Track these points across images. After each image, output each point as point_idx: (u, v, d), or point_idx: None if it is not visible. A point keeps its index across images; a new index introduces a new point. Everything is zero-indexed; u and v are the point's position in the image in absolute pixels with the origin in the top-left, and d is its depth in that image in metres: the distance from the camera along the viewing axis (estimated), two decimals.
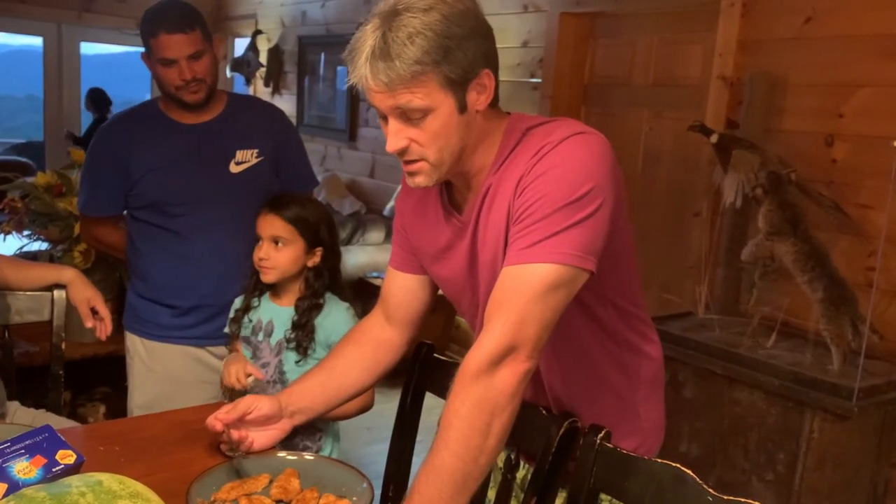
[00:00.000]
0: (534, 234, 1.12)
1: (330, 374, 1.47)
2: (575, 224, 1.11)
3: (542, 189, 1.12)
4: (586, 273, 1.13)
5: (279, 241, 1.76)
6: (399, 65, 1.07)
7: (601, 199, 1.13)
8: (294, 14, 5.78)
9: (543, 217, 1.11)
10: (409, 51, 1.07)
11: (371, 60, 1.08)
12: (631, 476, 1.17)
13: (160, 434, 1.48)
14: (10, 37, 7.73)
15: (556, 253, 1.10)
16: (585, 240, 1.12)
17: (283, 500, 1.24)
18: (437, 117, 1.12)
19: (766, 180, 2.29)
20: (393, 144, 1.15)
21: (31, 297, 1.94)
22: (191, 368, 2.05)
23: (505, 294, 1.13)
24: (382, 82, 1.09)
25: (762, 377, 2.19)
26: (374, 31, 1.09)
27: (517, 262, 1.12)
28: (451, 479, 1.07)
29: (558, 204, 1.11)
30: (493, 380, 1.09)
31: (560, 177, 1.12)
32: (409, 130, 1.14)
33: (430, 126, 1.13)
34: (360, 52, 1.10)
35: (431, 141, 1.14)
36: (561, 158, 1.13)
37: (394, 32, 1.08)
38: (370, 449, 2.82)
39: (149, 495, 0.87)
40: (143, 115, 2.05)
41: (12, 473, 0.89)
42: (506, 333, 1.10)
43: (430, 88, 1.10)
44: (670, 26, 3.21)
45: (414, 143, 1.15)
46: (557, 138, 1.15)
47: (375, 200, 4.98)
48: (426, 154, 1.15)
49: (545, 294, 1.11)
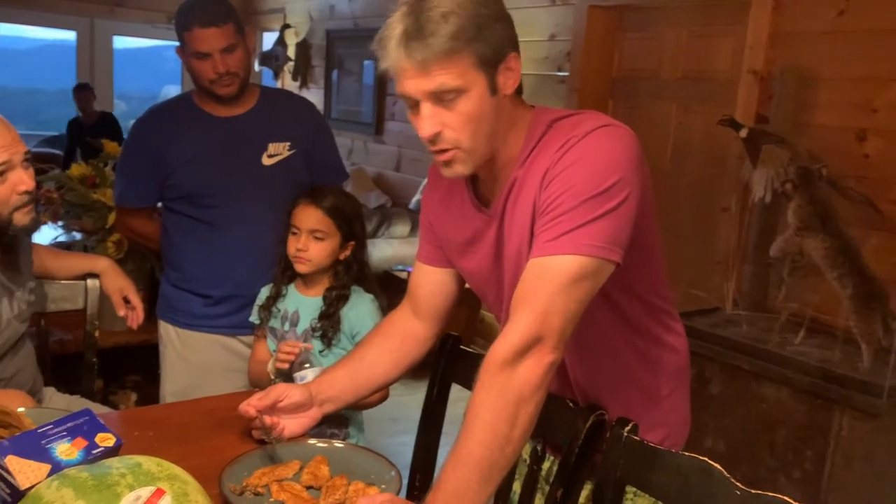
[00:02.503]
0: (559, 225, 1.12)
1: (359, 364, 1.49)
2: (601, 216, 1.11)
3: (568, 181, 1.13)
4: (612, 265, 1.14)
5: (318, 234, 1.78)
6: (433, 42, 1.08)
7: (627, 191, 1.13)
8: (322, 8, 5.81)
9: (569, 209, 1.12)
10: (443, 28, 1.08)
11: (405, 41, 1.09)
12: (657, 469, 1.18)
13: (193, 420, 1.51)
14: (43, 31, 7.85)
15: (582, 244, 1.11)
16: (611, 231, 1.12)
17: (313, 486, 1.26)
18: (471, 98, 1.12)
19: (795, 175, 2.27)
20: (427, 129, 1.14)
21: (66, 285, 1.98)
22: (222, 357, 2.09)
23: (530, 286, 1.13)
24: (417, 62, 1.09)
25: (790, 374, 2.17)
26: (405, 16, 1.10)
27: (543, 254, 1.13)
28: (477, 468, 1.08)
29: (584, 196, 1.11)
30: (519, 370, 1.10)
31: (586, 169, 1.13)
32: (442, 115, 1.13)
33: (463, 108, 1.13)
34: (390, 37, 1.11)
35: (464, 124, 1.14)
36: (587, 151, 1.14)
37: (426, 13, 1.09)
38: (395, 440, 2.84)
39: (186, 478, 0.90)
40: (178, 108, 2.09)
41: (55, 455, 0.92)
42: (531, 324, 1.10)
43: (464, 67, 1.10)
44: (699, 19, 3.18)
45: (447, 129, 1.14)
46: (583, 131, 1.15)
47: (401, 194, 5.00)
48: (460, 140, 1.15)
49: (570, 286, 1.11)
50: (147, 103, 2.59)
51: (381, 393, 1.65)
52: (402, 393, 1.82)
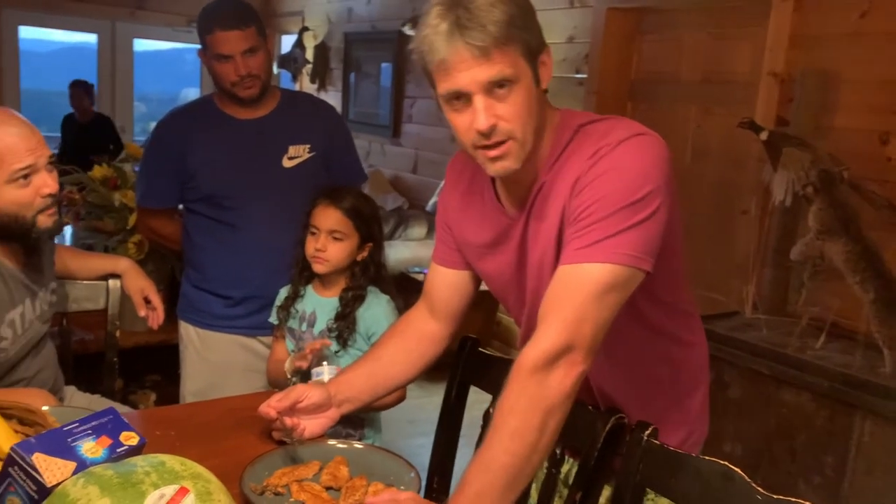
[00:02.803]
0: (592, 233, 1.12)
1: (376, 364, 1.49)
2: (634, 225, 1.11)
3: (602, 190, 1.12)
4: (642, 273, 1.14)
5: (336, 235, 1.79)
6: (492, 28, 1.08)
7: (659, 200, 1.13)
8: (340, 11, 5.84)
9: (603, 217, 1.11)
10: (497, 15, 1.08)
11: (460, 31, 1.08)
12: (678, 473, 1.17)
13: (213, 420, 1.53)
14: (65, 33, 7.94)
15: (615, 253, 1.11)
16: (643, 241, 1.12)
17: (333, 486, 1.27)
18: (522, 89, 1.12)
19: (817, 178, 2.25)
20: (484, 121, 1.11)
21: (88, 285, 2.00)
22: (241, 357, 2.10)
23: (562, 292, 1.13)
24: (478, 48, 1.08)
25: (810, 378, 2.15)
26: (447, 12, 1.09)
27: (574, 261, 1.13)
28: (503, 474, 1.08)
29: (618, 205, 1.11)
30: (549, 378, 1.10)
31: (619, 178, 1.12)
32: (496, 107, 1.12)
33: (516, 99, 1.12)
34: (438, 31, 1.09)
35: (517, 115, 1.13)
36: (620, 160, 1.13)
37: (474, 4, 1.08)
38: (412, 441, 2.85)
39: (208, 476, 0.90)
40: (199, 110, 2.11)
41: (80, 452, 0.93)
42: (563, 332, 1.10)
43: (515, 57, 1.11)
44: (719, 21, 3.16)
45: (501, 121, 1.13)
46: (616, 139, 1.15)
47: (418, 196, 5.01)
48: (514, 131, 1.13)
49: (603, 294, 1.11)
50: (166, 105, 2.61)
51: (398, 394, 1.65)
52: (419, 395, 1.83)
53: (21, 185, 1.54)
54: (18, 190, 1.54)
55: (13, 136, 1.52)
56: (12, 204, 1.54)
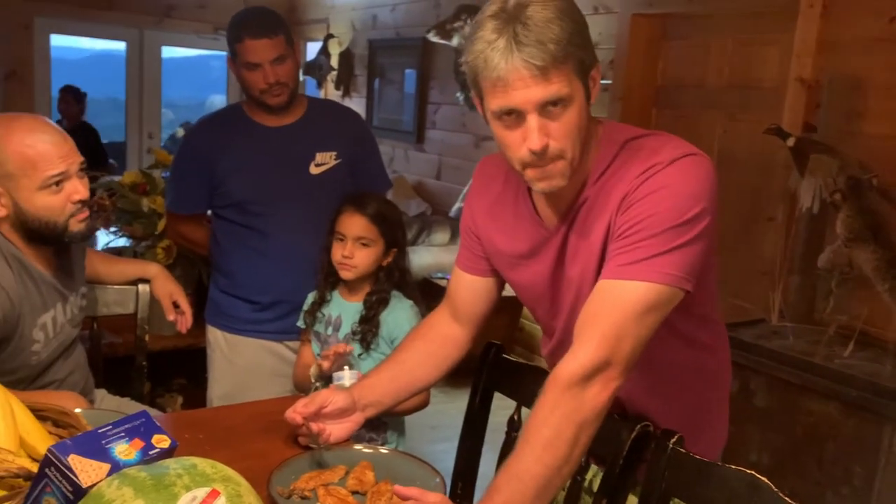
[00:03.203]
0: (639, 251, 1.11)
1: (399, 368, 1.50)
2: (680, 246, 1.11)
3: (652, 208, 1.12)
4: (683, 293, 1.13)
5: (363, 241, 1.81)
6: (552, 47, 1.05)
7: (707, 220, 1.13)
8: (365, 18, 5.88)
9: (650, 235, 1.11)
10: (557, 32, 1.05)
11: (519, 49, 1.05)
12: (704, 481, 1.17)
13: (241, 424, 1.55)
14: (92, 41, 8.07)
15: (660, 273, 1.11)
16: (688, 262, 1.12)
17: (359, 491, 1.28)
18: (576, 107, 1.11)
19: (845, 185, 2.23)
20: (538, 141, 1.09)
21: (118, 290, 2.04)
22: (268, 361, 2.12)
23: (602, 308, 1.13)
24: (538, 67, 1.05)
25: (838, 387, 2.13)
26: (504, 26, 1.06)
27: (617, 277, 1.12)
28: (533, 484, 1.08)
29: (666, 224, 1.11)
30: (585, 393, 1.10)
31: (670, 198, 1.12)
32: (548, 126, 1.10)
33: (569, 118, 1.10)
34: (494, 51, 1.06)
35: (568, 135, 1.11)
36: (672, 179, 1.13)
37: (531, 20, 1.06)
38: (435, 447, 2.85)
39: (238, 479, 0.92)
40: (229, 118, 2.14)
41: (114, 454, 0.95)
42: (601, 348, 1.10)
43: (570, 75, 1.09)
44: (745, 27, 3.14)
45: (552, 140, 1.11)
46: (668, 158, 1.14)
47: (441, 202, 5.02)
48: (564, 151, 1.12)
49: (644, 313, 1.11)
50: (193, 111, 2.65)
51: (422, 398, 1.66)
52: (441, 401, 1.84)
53: (53, 191, 1.57)
54: (50, 196, 1.57)
55: (46, 144, 1.56)
56: (44, 209, 1.57)
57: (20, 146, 1.53)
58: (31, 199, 1.56)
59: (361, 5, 5.88)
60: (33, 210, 1.57)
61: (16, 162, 1.53)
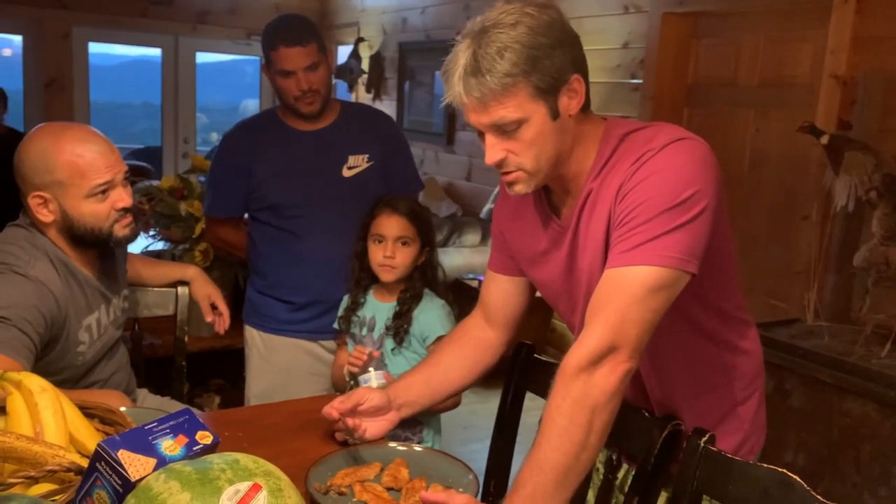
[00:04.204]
0: (636, 237, 1.14)
1: (434, 370, 1.53)
2: (677, 227, 1.12)
3: (645, 193, 1.14)
4: (688, 276, 1.14)
5: (404, 240, 1.84)
6: (490, 79, 1.12)
7: (704, 203, 1.14)
8: (395, 21, 5.92)
9: (646, 220, 1.13)
10: (499, 65, 1.12)
11: (464, 78, 1.14)
12: (735, 480, 1.17)
13: (278, 422, 1.58)
14: (128, 48, 8.23)
15: (658, 255, 1.12)
16: (687, 243, 1.13)
17: (394, 487, 1.31)
18: (531, 126, 1.16)
19: (881, 183, 2.20)
20: (491, 157, 1.20)
21: (159, 292, 2.09)
22: (303, 360, 2.16)
23: (606, 295, 1.15)
24: (475, 98, 1.14)
25: (875, 387, 2.10)
26: (466, 49, 1.15)
27: (619, 265, 1.15)
28: (553, 473, 1.10)
29: (661, 207, 1.13)
30: (594, 377, 1.12)
31: (663, 181, 1.14)
32: (505, 143, 1.18)
33: (524, 136, 1.17)
34: (453, 71, 1.16)
35: (526, 150, 1.18)
36: (663, 164, 1.15)
37: (483, 49, 1.13)
38: (467, 447, 2.87)
39: (279, 474, 0.95)
40: (264, 123, 2.18)
41: (160, 450, 0.99)
42: (606, 333, 1.12)
43: (521, 99, 1.14)
44: (778, 24, 3.11)
45: (511, 154, 1.19)
46: (659, 144, 1.17)
47: (472, 203, 5.04)
48: (523, 163, 1.19)
49: (646, 296, 1.13)
50: (227, 116, 2.71)
51: (452, 400, 1.69)
52: (473, 401, 1.86)
53: (99, 199, 1.62)
54: (96, 204, 1.62)
55: (94, 153, 1.61)
56: (90, 216, 1.63)
57: (70, 155, 1.59)
58: (77, 206, 1.61)
59: (391, 8, 5.92)
60: (79, 216, 1.62)
61: (65, 171, 1.59)
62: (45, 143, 1.60)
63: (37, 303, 1.54)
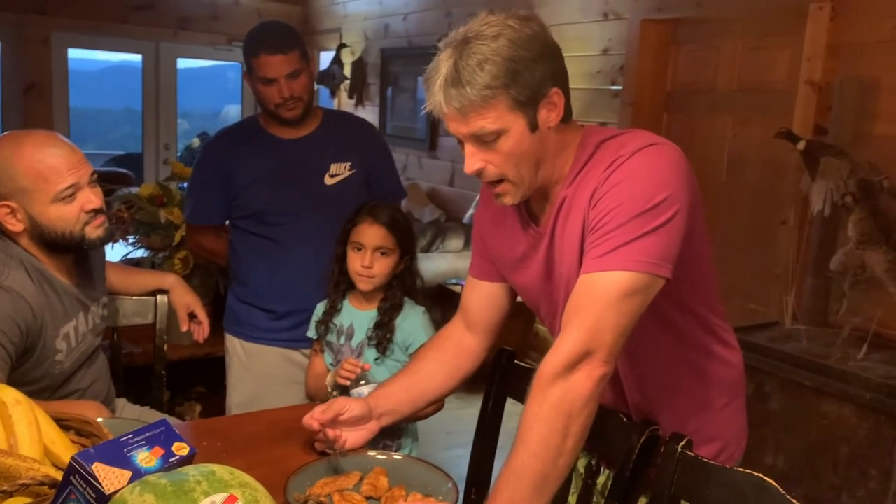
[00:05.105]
0: (609, 242, 1.15)
1: (414, 378, 1.53)
2: (650, 232, 1.13)
3: (617, 199, 1.15)
4: (662, 280, 1.15)
5: (383, 250, 1.83)
6: (469, 91, 1.13)
7: (676, 207, 1.15)
8: (377, 27, 5.92)
9: (619, 226, 1.14)
10: (479, 77, 1.13)
11: (444, 88, 1.15)
12: (712, 484, 1.18)
13: (258, 432, 1.58)
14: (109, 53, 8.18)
15: (631, 260, 1.13)
16: (660, 247, 1.14)
17: (373, 496, 1.30)
18: (510, 138, 1.18)
19: (856, 187, 2.23)
20: (469, 166, 1.21)
21: (137, 301, 2.07)
22: (284, 369, 2.16)
23: (581, 300, 1.16)
24: (455, 108, 1.15)
25: (853, 390, 2.13)
26: (447, 59, 1.16)
27: (593, 270, 1.16)
28: (530, 479, 1.11)
29: (633, 212, 1.14)
30: (569, 383, 1.13)
31: (634, 186, 1.15)
32: (484, 153, 1.20)
33: (503, 147, 1.18)
34: (434, 80, 1.17)
35: (505, 161, 1.20)
36: (635, 169, 1.16)
37: (464, 60, 1.14)
38: (450, 453, 2.86)
39: (255, 485, 0.95)
40: (246, 130, 2.18)
41: (136, 462, 0.98)
42: (581, 338, 1.13)
43: (500, 111, 1.15)
44: (755, 31, 3.15)
45: (490, 165, 1.20)
46: (630, 150, 1.18)
47: (455, 208, 5.05)
48: (505, 173, 1.21)
49: (620, 301, 1.13)
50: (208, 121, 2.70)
51: (433, 406, 1.69)
52: (456, 406, 1.85)
53: (66, 203, 1.61)
54: (64, 207, 1.61)
55: (55, 157, 1.60)
56: (59, 220, 1.62)
57: (31, 161, 1.58)
58: (45, 212, 1.60)
59: (374, 15, 5.92)
60: (49, 222, 1.61)
61: (28, 177, 1.58)
62: (6, 151, 1.59)
63: (11, 313, 1.52)
